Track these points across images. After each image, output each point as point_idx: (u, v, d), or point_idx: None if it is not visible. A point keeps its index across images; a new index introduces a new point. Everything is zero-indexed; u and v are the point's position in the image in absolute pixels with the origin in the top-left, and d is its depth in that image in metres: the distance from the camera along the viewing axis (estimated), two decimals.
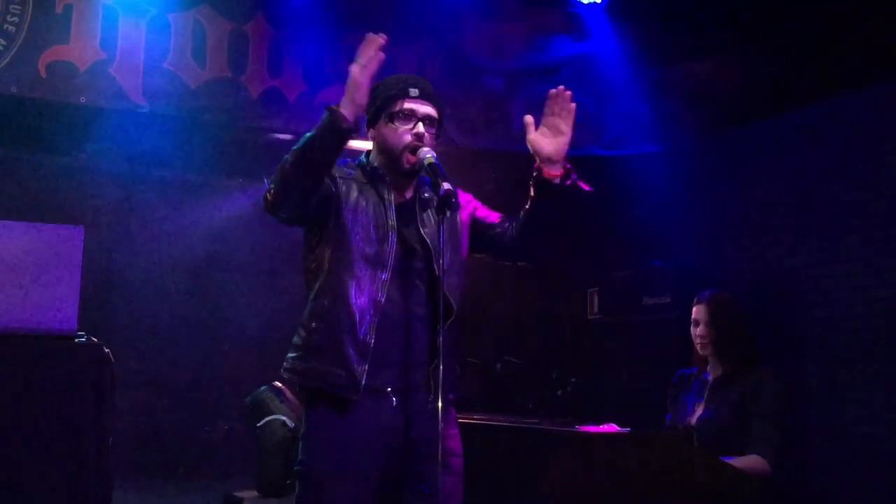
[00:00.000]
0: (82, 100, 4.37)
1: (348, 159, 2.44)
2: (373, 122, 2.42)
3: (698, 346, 3.27)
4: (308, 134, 2.23)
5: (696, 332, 3.27)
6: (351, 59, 2.18)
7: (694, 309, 3.29)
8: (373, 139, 2.45)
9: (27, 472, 2.51)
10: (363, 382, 2.23)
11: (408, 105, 2.37)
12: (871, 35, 4.02)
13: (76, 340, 2.63)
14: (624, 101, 5.20)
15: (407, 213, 2.40)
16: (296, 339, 2.34)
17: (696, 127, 5.14)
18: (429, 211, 2.43)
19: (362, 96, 2.22)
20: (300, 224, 2.38)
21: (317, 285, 2.33)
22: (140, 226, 5.31)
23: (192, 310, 5.12)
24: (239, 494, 3.90)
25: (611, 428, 2.84)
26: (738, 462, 2.86)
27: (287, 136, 4.88)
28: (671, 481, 2.55)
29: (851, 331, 4.41)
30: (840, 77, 4.29)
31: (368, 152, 2.49)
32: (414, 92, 2.38)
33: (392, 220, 2.35)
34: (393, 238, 2.32)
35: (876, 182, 4.30)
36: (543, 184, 2.41)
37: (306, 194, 2.24)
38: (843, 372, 4.41)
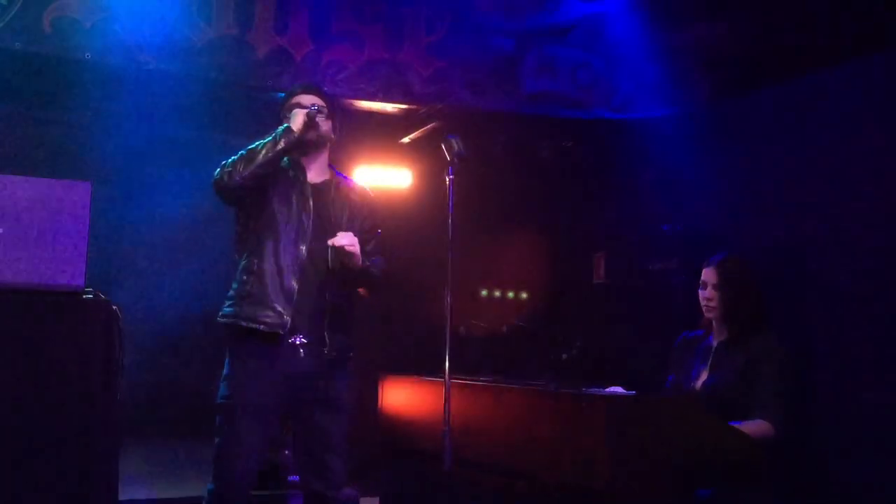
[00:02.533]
0: (87, 55, 4.33)
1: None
2: (280, 122, 3.08)
3: (705, 310, 3.27)
4: (268, 139, 2.96)
5: (704, 294, 3.27)
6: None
7: (703, 271, 3.29)
8: None
9: (36, 429, 2.52)
10: (288, 322, 2.88)
11: (296, 100, 3.12)
12: None
13: (84, 296, 2.63)
14: (635, 63, 5.14)
15: (321, 192, 3.07)
16: (230, 292, 2.98)
17: (708, 90, 5.08)
18: (336, 192, 3.10)
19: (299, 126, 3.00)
20: (240, 201, 3.00)
21: (247, 250, 2.98)
22: (146, 183, 5.29)
23: (198, 266, 5.13)
24: None
25: (616, 390, 2.84)
26: (744, 427, 2.87)
27: None
28: (677, 444, 2.56)
29: (860, 297, 4.40)
30: (855, 40, 4.22)
31: None
32: (300, 89, 3.18)
33: (308, 197, 3.02)
34: (308, 212, 3.00)
35: (888, 148, 4.26)
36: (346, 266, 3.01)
37: (259, 180, 2.96)
38: (850, 338, 4.40)
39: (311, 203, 3.02)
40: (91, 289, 2.66)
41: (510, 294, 5.99)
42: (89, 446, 2.55)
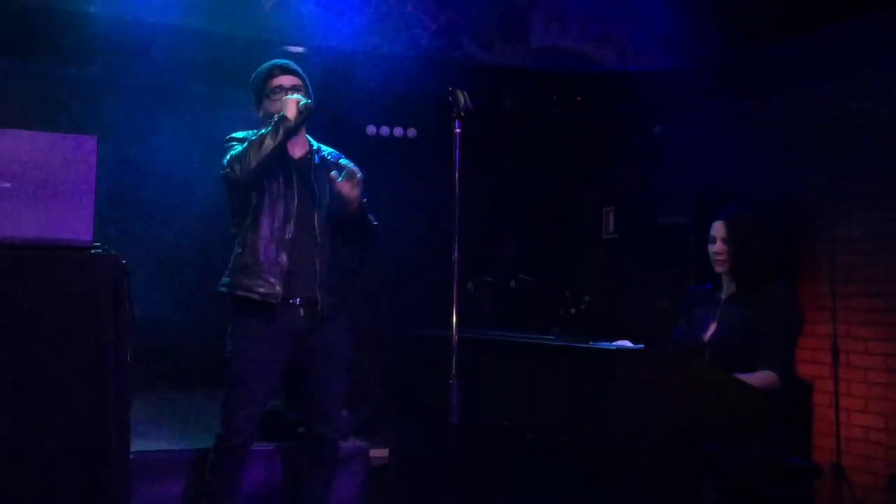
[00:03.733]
0: (91, 9, 4.29)
1: (252, 131, 3.23)
2: (258, 102, 3.34)
3: (715, 264, 3.27)
4: (268, 129, 3.12)
5: (713, 248, 3.27)
6: None
7: (713, 225, 3.28)
8: (262, 116, 3.30)
9: (47, 385, 2.54)
10: (280, 292, 3.11)
11: (277, 82, 3.28)
12: None
13: (92, 251, 2.63)
14: (647, 14, 5.05)
15: (303, 166, 3.28)
16: (229, 264, 3.22)
17: (721, 43, 5.00)
18: (318, 164, 3.28)
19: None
20: (250, 190, 3.17)
21: (241, 224, 3.20)
22: (152, 139, 5.26)
23: (207, 222, 5.11)
24: None
25: (624, 344, 2.84)
26: (750, 378, 2.87)
27: (299, 49, 4.78)
28: (684, 397, 2.57)
29: (869, 251, 4.38)
30: None
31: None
32: (277, 70, 3.30)
33: (292, 171, 3.23)
34: (293, 188, 3.20)
35: None
36: (343, 210, 3.22)
37: (266, 168, 3.15)
38: (856, 289, 4.40)
39: (296, 178, 3.24)
40: (99, 244, 2.66)
41: (518, 249, 5.99)
42: (101, 400, 2.57)
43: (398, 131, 5.72)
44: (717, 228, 3.26)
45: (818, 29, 4.52)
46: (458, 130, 2.73)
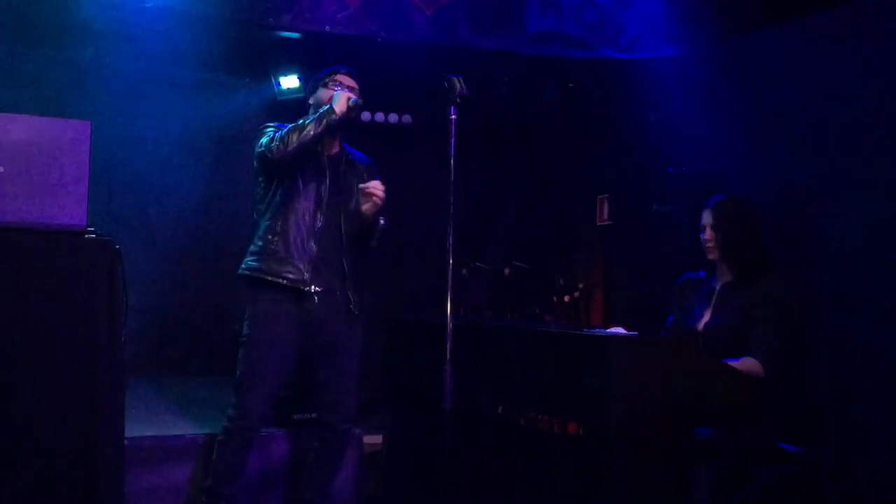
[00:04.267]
0: None
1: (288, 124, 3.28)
2: (312, 90, 3.42)
3: (705, 251, 3.29)
4: (313, 117, 3.21)
5: (703, 236, 3.29)
6: None
7: (703, 213, 3.30)
8: (311, 104, 3.39)
9: (42, 369, 2.54)
10: (308, 279, 3.21)
11: (339, 77, 3.39)
12: None
13: (86, 236, 2.62)
14: (643, 0, 5.04)
15: (335, 164, 3.38)
16: (253, 248, 3.28)
17: (717, 30, 4.99)
18: (347, 165, 3.39)
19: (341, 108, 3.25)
20: (283, 172, 3.26)
21: (270, 211, 3.28)
22: (147, 124, 5.25)
23: (201, 206, 5.12)
24: None
25: (618, 331, 2.85)
26: (735, 364, 2.88)
27: (295, 35, 4.76)
28: (678, 384, 2.58)
29: (864, 241, 4.39)
30: None
31: None
32: (343, 70, 3.42)
33: (325, 168, 3.33)
34: (325, 183, 3.31)
35: None
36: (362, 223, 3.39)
37: (304, 154, 3.23)
38: (853, 283, 4.40)
39: (328, 174, 3.33)
40: (93, 228, 2.65)
41: (513, 236, 5.99)
42: (95, 385, 2.58)
43: (393, 117, 5.71)
44: (705, 216, 3.29)
45: (814, 14, 4.51)
46: (453, 117, 2.73)
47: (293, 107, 4.70)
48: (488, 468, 2.99)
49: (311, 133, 3.17)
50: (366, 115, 5.62)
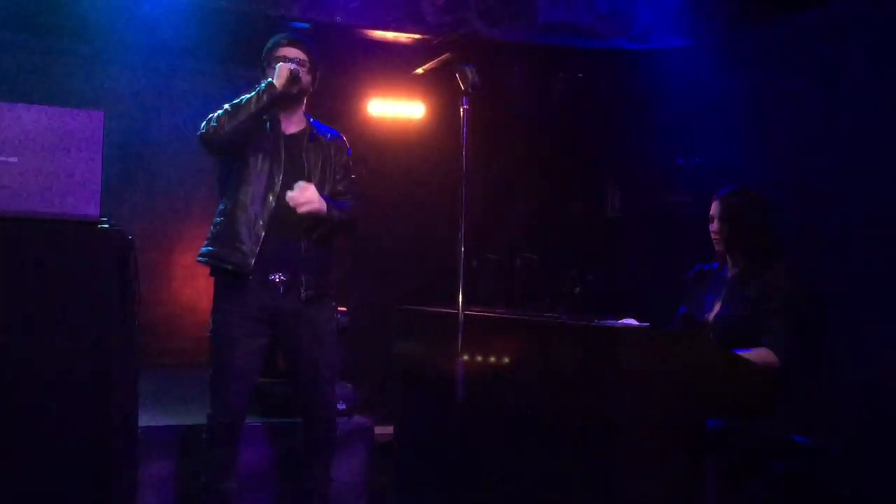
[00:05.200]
0: None
1: None
2: (262, 71, 3.21)
3: (714, 243, 3.28)
4: (251, 94, 3.04)
5: (711, 227, 3.28)
6: None
7: (712, 204, 3.28)
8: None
9: (55, 359, 2.55)
10: (252, 264, 3.03)
11: (281, 52, 3.18)
12: None
13: (99, 226, 2.63)
14: None
15: (294, 142, 3.19)
16: (208, 234, 3.16)
17: (728, 20, 4.96)
18: (311, 143, 3.21)
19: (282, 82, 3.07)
20: (225, 154, 3.14)
21: (224, 194, 3.14)
22: (157, 115, 5.26)
23: (212, 199, 5.13)
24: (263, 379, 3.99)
25: (629, 322, 2.85)
26: (748, 355, 2.88)
27: (304, 25, 4.75)
28: (689, 375, 2.58)
29: (873, 230, 4.37)
30: None
31: None
32: (285, 41, 3.21)
33: (280, 148, 3.14)
34: (279, 163, 3.12)
35: None
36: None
37: (243, 134, 3.07)
38: (862, 273, 4.38)
39: (283, 154, 3.14)
40: (105, 218, 2.66)
41: (525, 226, 5.98)
42: (109, 375, 2.58)
43: (405, 108, 5.70)
44: (714, 207, 3.28)
45: (825, 5, 4.48)
46: (464, 107, 2.72)
47: None
48: (500, 459, 3.00)
49: (249, 111, 2.99)
50: (377, 107, 5.60)
